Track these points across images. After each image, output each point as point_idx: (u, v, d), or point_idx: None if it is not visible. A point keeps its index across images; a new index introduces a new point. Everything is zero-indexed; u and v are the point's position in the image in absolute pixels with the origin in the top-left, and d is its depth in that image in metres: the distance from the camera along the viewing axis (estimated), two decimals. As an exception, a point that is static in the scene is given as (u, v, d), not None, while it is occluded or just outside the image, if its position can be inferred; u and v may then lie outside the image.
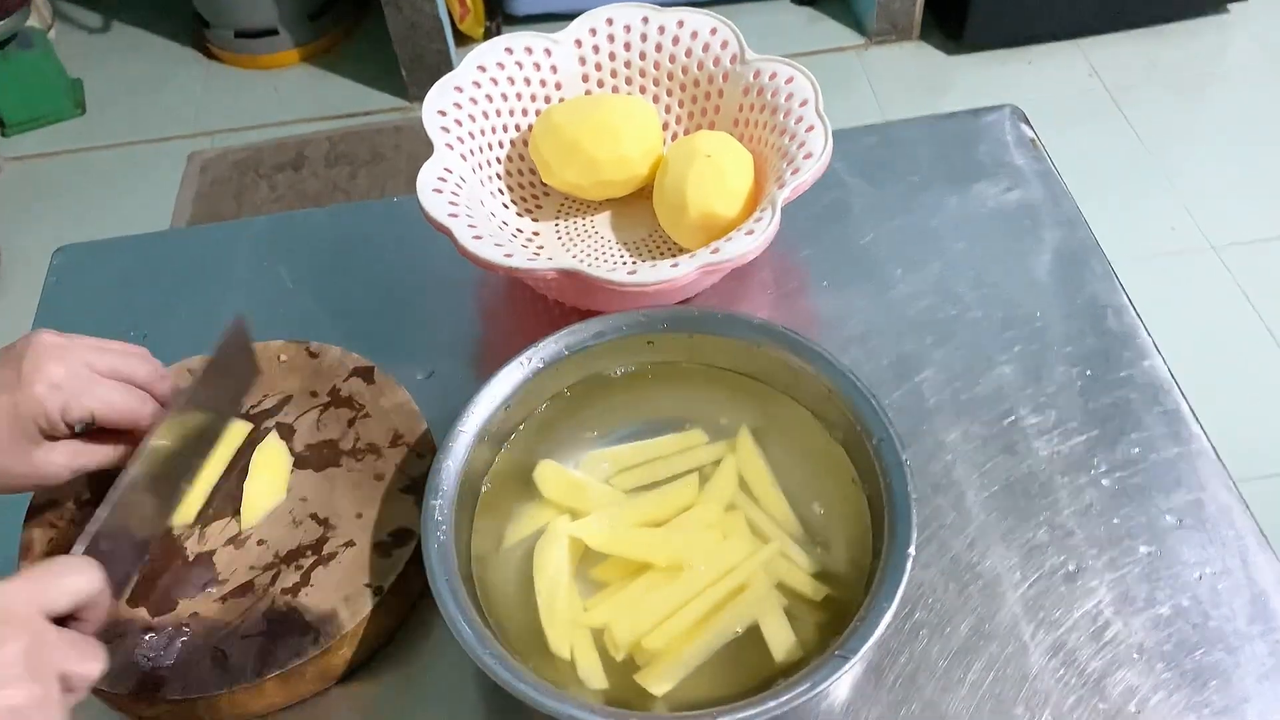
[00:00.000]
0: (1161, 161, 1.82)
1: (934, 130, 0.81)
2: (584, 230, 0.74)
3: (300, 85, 2.15)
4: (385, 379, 0.63)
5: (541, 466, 0.56)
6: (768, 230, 0.61)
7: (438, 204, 0.64)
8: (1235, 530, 0.57)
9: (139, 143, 2.06)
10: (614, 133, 0.70)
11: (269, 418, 0.62)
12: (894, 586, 0.47)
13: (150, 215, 1.88)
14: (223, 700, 0.51)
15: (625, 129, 0.70)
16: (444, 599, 0.48)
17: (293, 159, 1.96)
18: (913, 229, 0.73)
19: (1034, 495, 0.59)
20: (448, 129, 0.69)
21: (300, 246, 0.76)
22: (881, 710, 0.52)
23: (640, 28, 0.74)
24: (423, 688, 0.54)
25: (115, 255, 0.78)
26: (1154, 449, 0.60)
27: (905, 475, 0.51)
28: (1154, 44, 2.03)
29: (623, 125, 0.70)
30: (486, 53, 0.72)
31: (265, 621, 0.53)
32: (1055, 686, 0.52)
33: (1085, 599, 0.55)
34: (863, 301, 0.69)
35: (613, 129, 0.70)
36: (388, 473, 0.58)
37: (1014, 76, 2.00)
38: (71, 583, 0.44)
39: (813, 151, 0.65)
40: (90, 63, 2.22)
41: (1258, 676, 0.52)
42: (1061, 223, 0.73)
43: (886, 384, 0.64)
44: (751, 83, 0.71)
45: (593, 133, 0.70)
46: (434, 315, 0.71)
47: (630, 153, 0.70)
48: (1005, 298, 0.69)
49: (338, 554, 0.55)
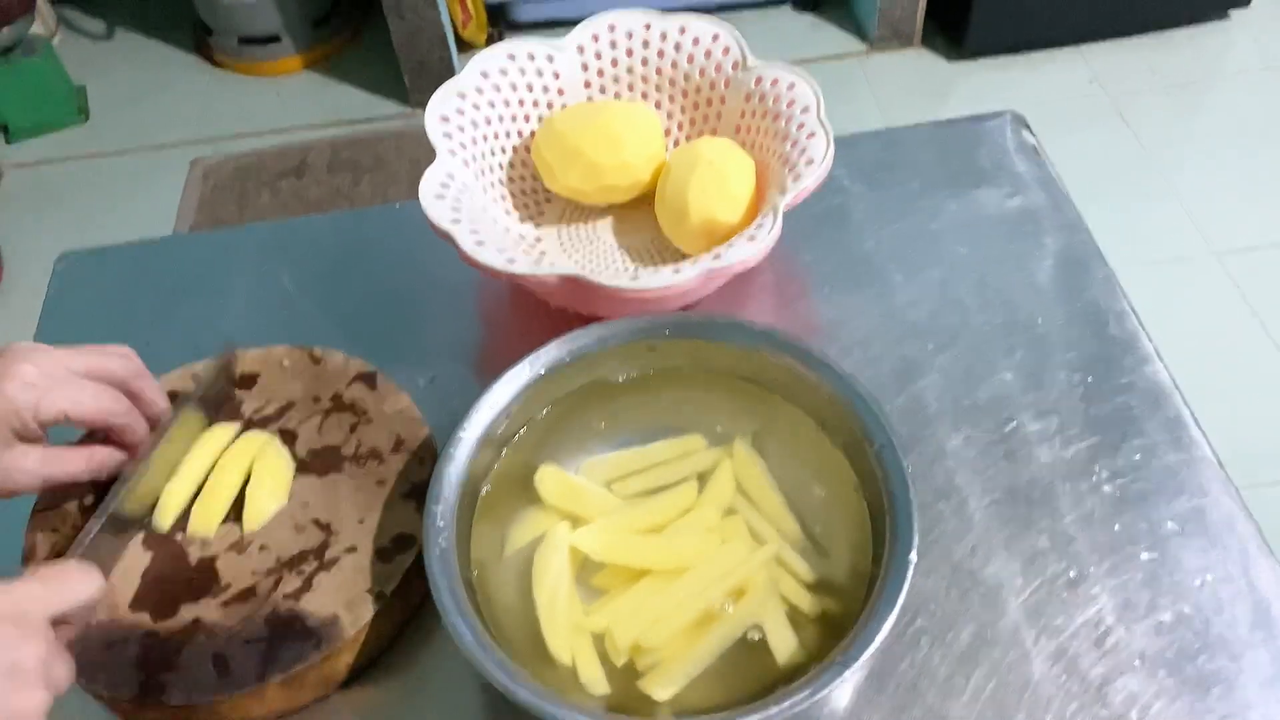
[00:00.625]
0: (1163, 167, 1.82)
1: (935, 136, 0.81)
2: (586, 236, 0.74)
3: (303, 92, 2.15)
4: (387, 384, 0.63)
5: (542, 471, 0.56)
6: (770, 236, 0.61)
7: (440, 210, 0.64)
8: (1237, 537, 0.57)
9: (142, 149, 2.07)
10: (616, 138, 0.70)
11: (271, 423, 0.62)
12: (895, 593, 0.47)
13: (153, 221, 1.88)
14: (224, 706, 0.51)
15: (628, 135, 0.70)
16: (445, 605, 0.48)
17: (295, 165, 1.96)
18: (914, 235, 0.73)
19: (1035, 502, 0.59)
20: (450, 135, 0.69)
21: (303, 252, 0.77)
22: (882, 717, 0.52)
23: (642, 34, 0.75)
24: (424, 694, 0.54)
25: (118, 261, 0.78)
26: (1156, 455, 0.60)
27: (906, 481, 0.51)
28: (1155, 50, 2.04)
29: (625, 131, 0.70)
30: (489, 59, 0.73)
31: (267, 627, 0.53)
32: (1057, 693, 0.52)
33: (1087, 606, 0.55)
34: (864, 307, 0.69)
35: (615, 135, 0.70)
36: (390, 478, 0.59)
37: (1015, 82, 2.00)
38: (77, 589, 0.44)
39: (814, 158, 0.65)
40: (94, 69, 2.23)
41: (1260, 684, 0.52)
42: (1063, 228, 0.73)
43: (888, 390, 0.64)
44: (753, 89, 0.71)
45: (595, 138, 0.70)
46: (436, 321, 0.71)
47: (632, 159, 0.70)
48: (1006, 303, 0.69)
49: (340, 559, 0.55)
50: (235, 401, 0.63)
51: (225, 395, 0.63)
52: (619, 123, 0.71)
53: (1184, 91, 1.96)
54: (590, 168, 0.70)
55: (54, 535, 0.57)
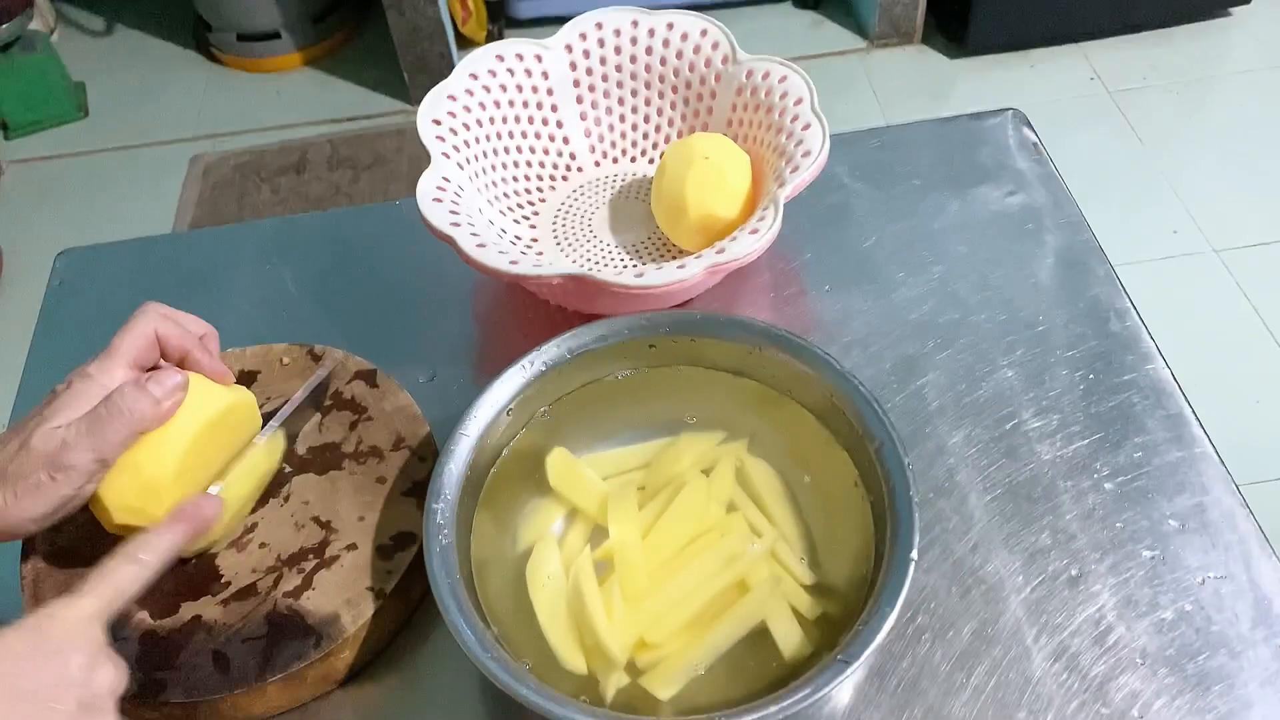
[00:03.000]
0: (1164, 165, 1.82)
1: (936, 133, 0.81)
2: (582, 235, 0.74)
3: (302, 88, 2.15)
4: (387, 382, 0.63)
5: (554, 454, 0.57)
6: (771, 229, 0.61)
7: (439, 213, 0.64)
8: (1238, 535, 0.57)
9: (141, 146, 2.07)
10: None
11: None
12: (896, 591, 0.47)
13: (152, 218, 1.89)
14: (224, 703, 0.51)
15: None
16: (445, 603, 0.48)
17: (295, 162, 1.96)
18: (915, 232, 0.73)
19: (1036, 499, 0.59)
20: (443, 138, 0.69)
21: (303, 250, 0.76)
22: (883, 715, 0.52)
23: (630, 31, 0.74)
24: (424, 691, 0.54)
25: (118, 259, 0.78)
26: (1157, 453, 0.60)
27: (907, 479, 0.51)
28: (1156, 47, 2.03)
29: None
30: (478, 61, 0.72)
31: (267, 624, 0.53)
32: (1058, 691, 0.52)
33: (1088, 603, 0.55)
34: (865, 305, 0.69)
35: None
36: (390, 476, 0.58)
37: (1016, 80, 2.00)
38: (127, 585, 0.44)
39: (811, 149, 0.65)
40: (93, 66, 2.23)
41: (1261, 681, 0.52)
42: (1064, 226, 0.73)
43: (888, 388, 0.64)
44: (744, 82, 0.71)
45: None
46: (436, 318, 0.71)
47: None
48: (1007, 301, 0.69)
49: (340, 557, 0.55)
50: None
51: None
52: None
53: (1185, 89, 1.96)
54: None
55: (55, 534, 0.57)
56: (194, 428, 0.51)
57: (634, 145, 0.78)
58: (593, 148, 0.78)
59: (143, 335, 0.51)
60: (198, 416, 0.51)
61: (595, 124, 0.77)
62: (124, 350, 0.50)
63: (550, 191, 0.76)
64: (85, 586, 0.43)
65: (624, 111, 0.77)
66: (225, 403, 0.53)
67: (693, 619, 0.52)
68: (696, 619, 0.52)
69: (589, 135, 0.77)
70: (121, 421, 0.48)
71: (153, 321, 0.51)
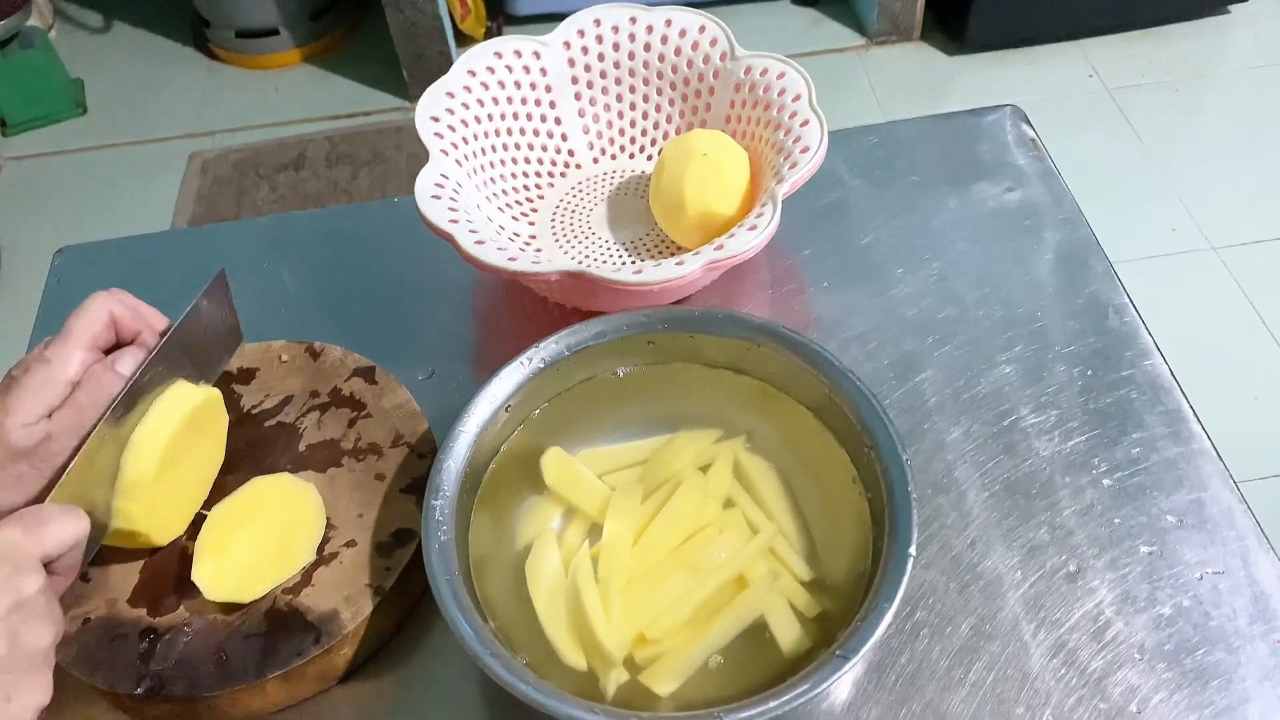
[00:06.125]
0: (1162, 162, 1.82)
1: (935, 130, 0.81)
2: (580, 232, 0.74)
3: (301, 85, 2.15)
4: (386, 379, 0.63)
5: (549, 454, 0.57)
6: (770, 225, 0.61)
7: (437, 210, 0.64)
8: (1236, 530, 0.57)
9: (140, 143, 2.06)
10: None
11: (270, 418, 0.62)
12: (895, 586, 0.47)
13: (151, 215, 1.89)
14: (224, 700, 0.51)
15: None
16: (445, 599, 0.48)
17: (294, 159, 1.96)
18: (913, 229, 0.73)
19: (1035, 495, 0.59)
20: (441, 135, 0.69)
21: (301, 247, 0.76)
22: (882, 710, 0.52)
23: (628, 28, 0.74)
24: (424, 688, 0.54)
25: (116, 256, 0.78)
26: (1155, 449, 0.60)
27: (906, 475, 0.51)
28: (1155, 45, 2.03)
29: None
30: (476, 57, 0.72)
31: (266, 621, 0.53)
32: (1056, 686, 0.52)
33: (1086, 599, 0.55)
34: (863, 301, 0.69)
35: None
36: (389, 473, 0.59)
37: (1015, 77, 2.00)
38: (62, 529, 0.44)
39: (809, 145, 0.65)
40: (91, 62, 2.23)
41: (1259, 676, 0.52)
42: (1062, 223, 0.73)
43: (887, 384, 0.64)
44: (743, 79, 0.71)
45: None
46: (435, 315, 0.71)
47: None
48: (1006, 297, 0.69)
49: (339, 554, 0.55)
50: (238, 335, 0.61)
51: (233, 331, 0.60)
52: None
53: (1184, 86, 1.96)
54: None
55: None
56: (170, 428, 0.53)
57: (632, 142, 0.78)
58: (591, 144, 0.78)
59: (97, 317, 0.52)
60: (173, 417, 0.53)
61: (594, 121, 0.77)
62: (79, 333, 0.51)
63: (549, 188, 0.76)
64: (18, 517, 0.43)
65: (622, 108, 0.77)
66: (196, 401, 0.55)
67: (692, 615, 0.52)
68: (695, 615, 0.52)
69: (587, 132, 0.77)
70: (102, 407, 0.50)
71: (106, 303, 0.52)
